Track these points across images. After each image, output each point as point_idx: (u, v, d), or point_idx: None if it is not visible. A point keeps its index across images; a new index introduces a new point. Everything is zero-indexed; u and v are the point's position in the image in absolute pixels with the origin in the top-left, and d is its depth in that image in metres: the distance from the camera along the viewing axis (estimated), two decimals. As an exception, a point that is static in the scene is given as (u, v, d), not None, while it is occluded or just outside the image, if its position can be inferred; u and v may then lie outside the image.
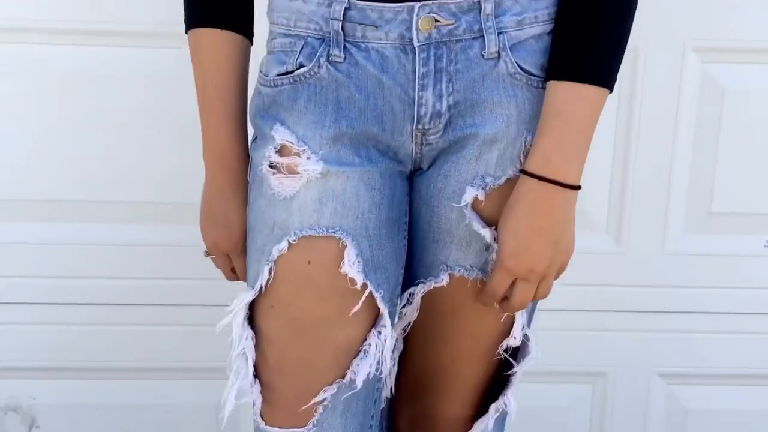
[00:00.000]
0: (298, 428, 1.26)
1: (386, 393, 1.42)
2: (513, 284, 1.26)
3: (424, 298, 1.33)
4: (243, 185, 1.33)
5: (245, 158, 1.34)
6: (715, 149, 1.99)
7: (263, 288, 1.26)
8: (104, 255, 1.98)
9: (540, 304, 2.01)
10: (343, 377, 1.26)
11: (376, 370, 1.27)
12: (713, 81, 1.96)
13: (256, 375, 1.28)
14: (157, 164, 1.95)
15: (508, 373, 1.37)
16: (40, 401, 2.05)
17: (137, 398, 2.06)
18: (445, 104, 1.25)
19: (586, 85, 1.20)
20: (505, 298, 1.28)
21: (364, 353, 1.26)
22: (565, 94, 1.21)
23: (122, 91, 1.91)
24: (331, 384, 1.25)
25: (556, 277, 1.27)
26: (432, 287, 1.31)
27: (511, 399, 1.38)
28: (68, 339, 2.01)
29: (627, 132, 1.97)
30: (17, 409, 2.05)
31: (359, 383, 1.26)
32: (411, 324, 1.36)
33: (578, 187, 1.22)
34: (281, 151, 1.26)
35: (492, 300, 1.27)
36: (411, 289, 1.34)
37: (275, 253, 1.24)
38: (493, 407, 1.38)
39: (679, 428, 2.12)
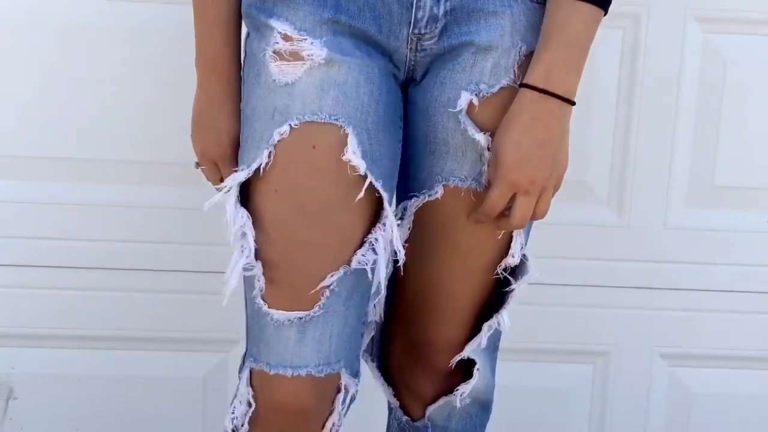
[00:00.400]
0: (302, 311, 1.24)
1: (379, 311, 1.41)
2: (511, 200, 1.27)
3: (419, 215, 1.33)
4: (234, 93, 1.34)
5: (237, 66, 1.35)
6: (718, 122, 1.97)
7: (261, 171, 1.25)
8: (87, 215, 1.92)
9: (540, 277, 1.98)
10: (349, 264, 1.24)
11: (386, 266, 1.27)
12: (715, 51, 1.95)
13: (257, 257, 1.25)
14: (149, 124, 1.91)
15: (506, 290, 1.36)
16: (19, 371, 1.97)
17: (121, 369, 1.98)
18: (442, 9, 1.27)
19: (585, 4, 1.24)
20: (502, 215, 1.28)
21: (370, 245, 1.25)
22: (567, 11, 1.25)
23: (118, 44, 1.88)
24: (337, 269, 1.24)
25: (553, 194, 1.29)
26: (426, 200, 1.32)
27: (505, 317, 1.36)
28: (49, 305, 1.94)
29: (628, 104, 1.95)
30: (-6, 379, 1.96)
31: (369, 271, 1.25)
32: (405, 244, 1.33)
33: (573, 103, 1.26)
34: (288, 39, 1.25)
35: (490, 215, 1.28)
36: (404, 203, 1.34)
37: (276, 137, 1.24)
38: (486, 325, 1.37)
39: (682, 412, 2.06)
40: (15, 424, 1.98)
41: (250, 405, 1.27)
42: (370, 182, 1.24)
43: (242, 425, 1.28)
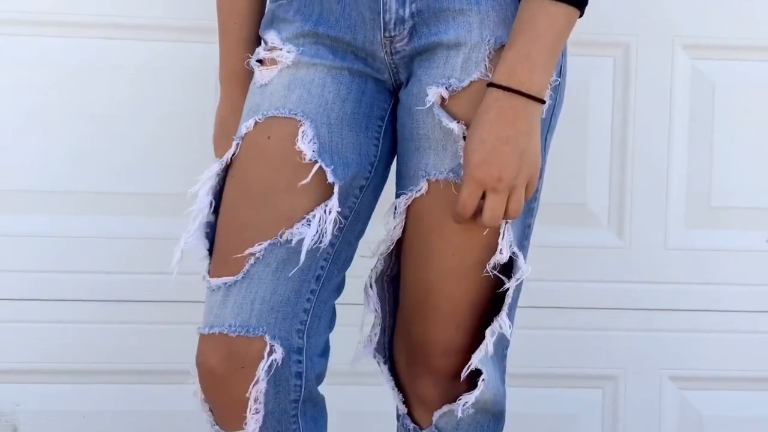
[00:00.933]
0: (228, 276, 1.30)
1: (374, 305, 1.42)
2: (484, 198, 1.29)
3: (411, 214, 1.37)
4: None
5: None
6: (710, 144, 2.03)
7: (229, 161, 1.35)
8: (88, 248, 1.94)
9: (545, 301, 2.00)
10: (281, 237, 1.30)
11: (318, 241, 1.30)
12: (703, 77, 2.03)
13: (211, 241, 1.36)
14: (154, 156, 1.95)
15: (500, 290, 1.36)
16: (24, 407, 1.94)
17: (127, 404, 1.96)
18: (408, 11, 1.34)
19: (556, 3, 1.27)
20: (479, 214, 1.30)
21: (307, 221, 1.30)
22: (534, 9, 1.28)
23: (125, 82, 1.94)
24: (265, 240, 1.30)
25: (528, 195, 1.30)
26: (414, 197, 1.35)
27: (506, 320, 1.36)
28: (52, 339, 1.94)
29: (623, 127, 2.01)
30: (-1, 416, 1.94)
31: (294, 243, 1.30)
32: (402, 248, 1.38)
33: (542, 101, 1.28)
34: (269, 49, 1.39)
35: (464, 215, 1.29)
36: (395, 202, 1.38)
37: (243, 130, 1.35)
38: (488, 331, 1.36)
39: (694, 435, 2.05)
40: (19, 463, 1.94)
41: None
42: (320, 168, 1.30)
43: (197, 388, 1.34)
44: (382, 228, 1.39)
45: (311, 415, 1.35)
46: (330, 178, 1.31)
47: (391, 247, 1.39)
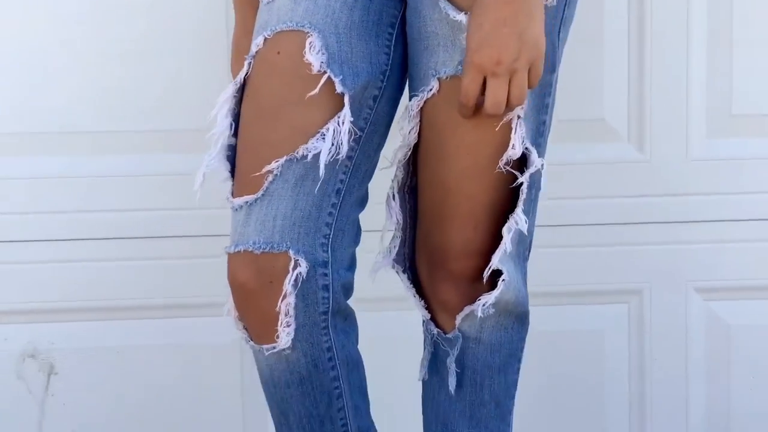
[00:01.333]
0: (249, 195, 1.33)
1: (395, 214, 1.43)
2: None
3: (425, 116, 1.37)
4: None
5: None
6: (730, 49, 1.99)
7: (243, 81, 1.36)
8: (119, 186, 1.96)
9: (567, 219, 1.99)
10: (297, 153, 1.31)
11: (335, 154, 1.31)
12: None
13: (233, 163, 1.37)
14: (173, 93, 1.95)
15: (514, 185, 1.36)
16: (58, 345, 1.98)
17: (159, 338, 2.00)
18: None
19: None
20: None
21: (321, 135, 1.30)
22: None
23: (141, 19, 1.94)
24: (282, 157, 1.31)
25: (532, 82, 1.28)
26: (426, 98, 1.35)
27: (521, 215, 1.36)
28: (83, 277, 1.97)
29: (640, 36, 1.98)
30: (35, 356, 1.98)
31: (310, 158, 1.31)
32: (418, 153, 1.38)
33: None
34: None
35: (467, 104, 1.29)
36: (408, 104, 1.38)
37: (254, 49, 1.35)
38: (505, 228, 1.37)
39: (722, 346, 2.05)
40: (57, 400, 1.99)
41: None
42: (329, 79, 1.30)
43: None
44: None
45: (342, 328, 1.37)
46: (339, 89, 1.31)
47: (409, 154, 1.40)
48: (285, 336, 1.32)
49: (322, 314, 1.34)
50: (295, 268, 1.31)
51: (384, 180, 1.44)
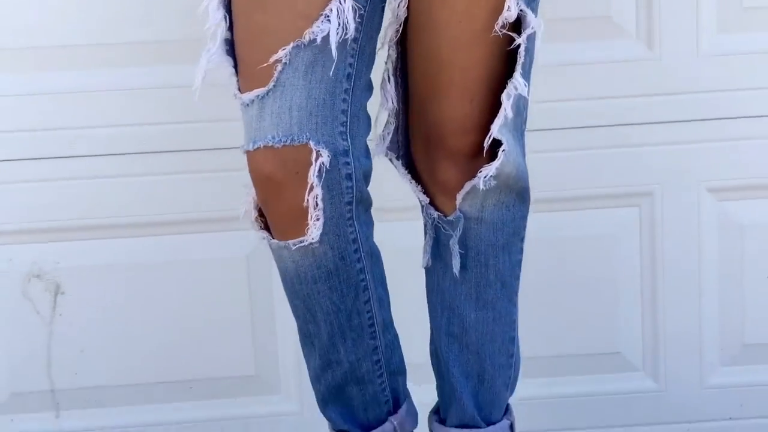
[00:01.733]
0: (260, 88, 1.29)
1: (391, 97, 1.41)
2: None
3: None
4: None
5: None
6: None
7: None
8: (115, 101, 1.92)
9: (573, 121, 1.95)
10: (304, 38, 1.28)
11: (343, 34, 1.28)
12: None
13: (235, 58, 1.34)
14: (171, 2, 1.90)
15: (512, 46, 1.34)
16: (64, 264, 1.97)
17: (165, 255, 1.98)
18: None
19: None
20: None
21: (326, 17, 1.27)
22: None
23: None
24: (288, 44, 1.28)
25: None
26: None
27: (520, 79, 1.34)
28: (87, 194, 1.94)
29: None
30: (41, 276, 1.97)
31: (319, 41, 1.27)
32: (409, 30, 1.36)
33: None
34: None
35: None
36: None
37: None
38: (504, 95, 1.35)
39: (735, 246, 2.01)
40: (65, 320, 1.98)
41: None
42: None
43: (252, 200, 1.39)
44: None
45: (364, 220, 1.36)
46: None
47: (400, 30, 1.37)
48: (315, 230, 1.30)
49: (347, 204, 1.32)
50: (317, 159, 1.29)
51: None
